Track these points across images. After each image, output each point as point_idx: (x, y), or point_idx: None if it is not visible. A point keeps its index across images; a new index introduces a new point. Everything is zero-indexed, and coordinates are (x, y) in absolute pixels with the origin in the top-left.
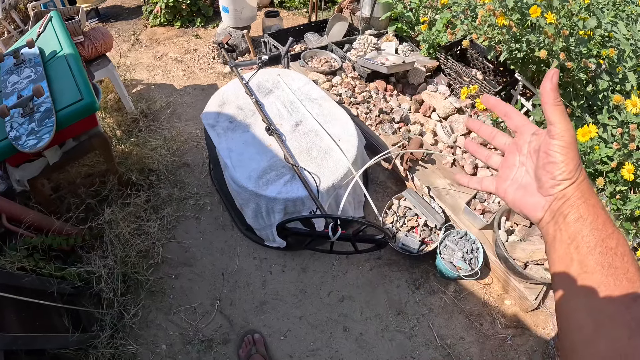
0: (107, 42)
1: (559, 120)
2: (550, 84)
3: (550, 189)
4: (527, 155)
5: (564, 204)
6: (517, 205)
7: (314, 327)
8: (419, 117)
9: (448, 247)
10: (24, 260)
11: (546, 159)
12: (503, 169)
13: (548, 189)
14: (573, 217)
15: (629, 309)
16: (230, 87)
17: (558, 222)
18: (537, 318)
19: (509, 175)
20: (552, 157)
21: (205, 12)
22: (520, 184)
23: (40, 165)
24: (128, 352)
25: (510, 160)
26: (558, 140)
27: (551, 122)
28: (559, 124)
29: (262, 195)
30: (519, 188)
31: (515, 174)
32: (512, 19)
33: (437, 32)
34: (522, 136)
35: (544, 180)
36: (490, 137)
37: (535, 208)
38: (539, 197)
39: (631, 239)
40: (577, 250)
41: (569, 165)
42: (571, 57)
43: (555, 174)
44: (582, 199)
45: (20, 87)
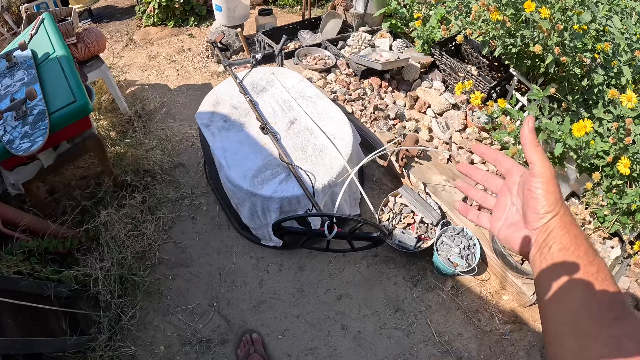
0: (100, 42)
1: (538, 159)
2: (528, 128)
3: (535, 223)
4: (516, 195)
5: (548, 236)
6: (509, 241)
7: (311, 325)
8: (414, 114)
9: (445, 244)
10: (21, 264)
11: (529, 195)
12: (497, 209)
13: (533, 223)
14: (557, 247)
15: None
16: (224, 86)
17: (544, 253)
18: (535, 313)
19: (502, 216)
20: (535, 193)
21: (199, 11)
22: (511, 223)
23: (35, 168)
24: (126, 354)
25: (502, 201)
26: (539, 177)
27: (531, 161)
28: (539, 163)
29: (257, 195)
30: (509, 226)
31: (507, 213)
32: (506, 14)
33: (432, 28)
34: (511, 177)
35: (529, 215)
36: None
37: (524, 243)
38: (526, 232)
39: (627, 233)
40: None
41: (549, 199)
42: (566, 52)
43: (537, 208)
44: (564, 230)
45: (13, 90)
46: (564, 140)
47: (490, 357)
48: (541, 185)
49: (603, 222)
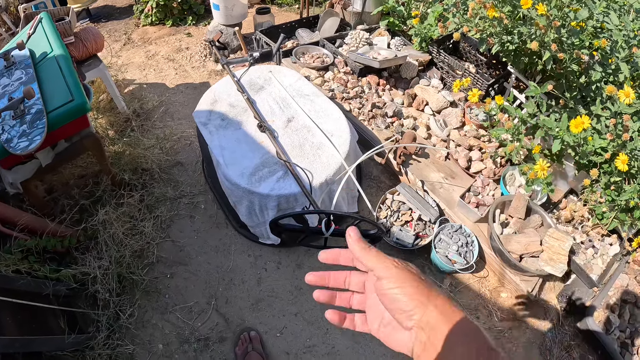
0: (98, 42)
1: (376, 261)
2: (354, 237)
3: (407, 322)
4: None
5: (431, 333)
6: (389, 342)
7: (309, 323)
8: (411, 111)
9: (443, 241)
10: (19, 263)
11: (385, 299)
12: (369, 310)
13: (405, 323)
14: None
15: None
16: (222, 84)
17: (430, 355)
18: (534, 310)
19: (376, 316)
20: (389, 294)
21: (197, 10)
22: (388, 321)
23: (33, 167)
24: (125, 353)
25: (371, 300)
26: (385, 278)
27: (371, 267)
28: (378, 265)
29: (255, 193)
30: (387, 325)
31: (381, 311)
32: (503, 11)
33: (429, 25)
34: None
35: (398, 317)
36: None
37: (403, 342)
38: (403, 332)
39: (626, 230)
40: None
41: (408, 293)
42: (563, 49)
43: (402, 307)
44: (448, 324)
45: (11, 89)
46: (561, 137)
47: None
48: (392, 284)
49: (601, 219)
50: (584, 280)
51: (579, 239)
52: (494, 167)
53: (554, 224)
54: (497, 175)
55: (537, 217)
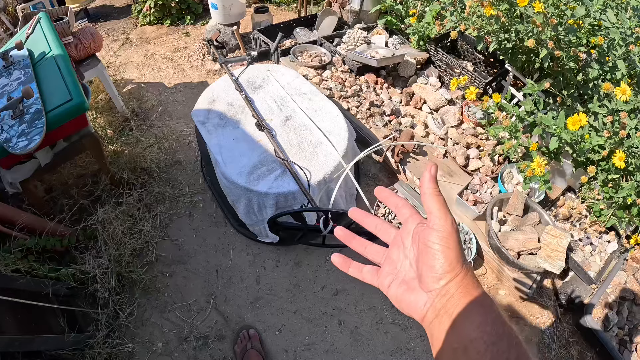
0: (96, 42)
1: (438, 209)
2: (429, 175)
3: (432, 284)
4: (410, 247)
5: (448, 301)
6: (400, 302)
7: (308, 321)
8: (409, 110)
9: None
10: (19, 263)
11: (426, 251)
12: (387, 263)
13: (429, 284)
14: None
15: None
16: (220, 83)
17: (443, 322)
18: (532, 307)
19: (392, 270)
20: (432, 248)
21: (195, 10)
22: (403, 279)
23: (32, 167)
24: (124, 351)
25: (393, 253)
26: (437, 231)
27: (429, 211)
28: (438, 214)
29: (253, 191)
30: (401, 284)
31: (399, 268)
32: (500, 9)
33: (427, 24)
34: (406, 227)
35: (425, 275)
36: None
37: (416, 305)
38: (421, 293)
39: (624, 227)
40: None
41: (449, 257)
42: (560, 46)
43: (435, 267)
44: (467, 297)
45: (9, 89)
46: (559, 135)
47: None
48: (440, 241)
49: (599, 217)
50: (582, 278)
51: (576, 236)
52: (492, 165)
53: (551, 221)
54: (494, 173)
55: (535, 215)
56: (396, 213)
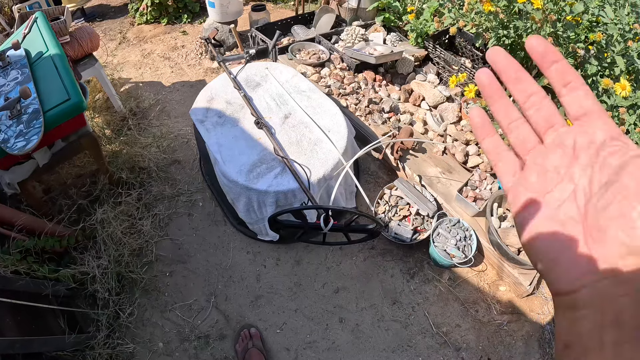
0: (93, 41)
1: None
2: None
3: (613, 255)
4: (585, 167)
5: (624, 296)
6: (535, 249)
7: (309, 319)
8: (408, 107)
9: (441, 235)
10: (18, 264)
11: (631, 195)
12: (535, 167)
13: (609, 252)
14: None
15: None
16: (219, 82)
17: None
18: (532, 303)
19: (542, 187)
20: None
21: (192, 8)
22: (554, 215)
23: (30, 167)
24: (125, 352)
25: (551, 160)
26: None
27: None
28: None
29: (253, 189)
30: (548, 221)
31: (554, 190)
32: (498, 5)
33: (425, 21)
34: (585, 132)
35: (611, 233)
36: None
37: (567, 270)
38: (583, 258)
39: None
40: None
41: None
42: (559, 43)
43: (638, 229)
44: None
45: (7, 89)
46: None
47: (488, 348)
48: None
49: None
50: None
51: None
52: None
53: None
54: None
55: None
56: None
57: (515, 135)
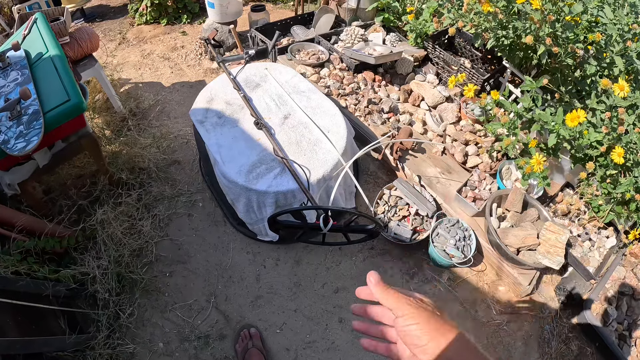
0: (93, 42)
1: (394, 301)
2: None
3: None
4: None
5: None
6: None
7: (309, 319)
8: (407, 107)
9: (440, 235)
10: (18, 265)
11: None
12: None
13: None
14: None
15: None
16: (218, 82)
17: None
18: (532, 303)
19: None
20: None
21: (191, 9)
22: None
23: (30, 168)
24: (125, 352)
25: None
26: (401, 317)
27: (390, 308)
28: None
29: (252, 190)
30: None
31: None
32: (497, 5)
33: (424, 21)
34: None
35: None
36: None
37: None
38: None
39: (622, 222)
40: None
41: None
42: (558, 43)
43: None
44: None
45: (7, 90)
46: (557, 131)
47: (488, 347)
48: (408, 322)
49: (598, 212)
50: (581, 273)
51: (575, 232)
52: (491, 162)
53: (550, 217)
54: (493, 170)
55: (534, 211)
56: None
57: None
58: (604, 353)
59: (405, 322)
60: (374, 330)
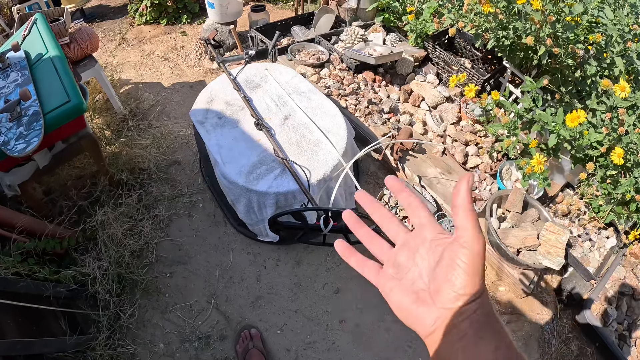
0: (93, 42)
1: (472, 227)
2: (466, 187)
3: (449, 302)
4: (424, 257)
5: (462, 322)
6: (403, 311)
7: (310, 319)
8: (408, 107)
9: None
10: (19, 266)
11: (450, 266)
12: (390, 264)
13: (446, 301)
14: (472, 339)
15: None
16: (218, 83)
17: (452, 342)
18: (532, 303)
19: (396, 274)
20: (458, 266)
21: (191, 9)
22: (411, 288)
23: (31, 169)
24: (126, 353)
25: (401, 257)
26: (466, 248)
27: (462, 227)
28: (471, 231)
29: (253, 190)
30: (408, 292)
31: (407, 274)
32: (497, 6)
33: (425, 21)
34: (421, 233)
35: (443, 290)
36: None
37: (424, 319)
38: (432, 308)
39: (623, 223)
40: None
41: (474, 278)
42: (558, 43)
43: (457, 285)
44: (484, 318)
45: (7, 91)
46: (557, 131)
47: None
48: (468, 260)
49: (598, 213)
50: (581, 273)
51: (575, 232)
52: (491, 162)
53: (550, 218)
54: (493, 170)
55: (534, 211)
56: (409, 212)
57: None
58: (604, 353)
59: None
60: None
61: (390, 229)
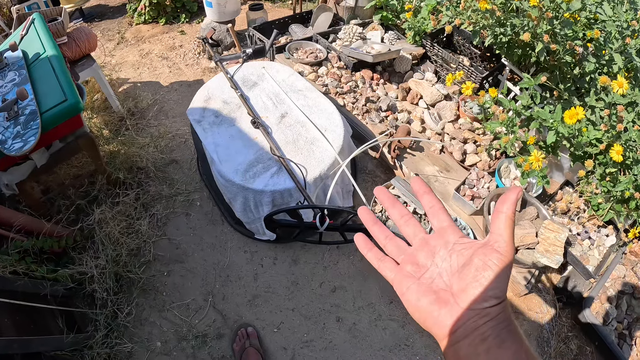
0: (91, 41)
1: (508, 235)
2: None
3: (474, 303)
4: (444, 259)
5: (485, 324)
6: (421, 312)
7: (306, 318)
8: (406, 105)
9: None
10: (16, 264)
11: (481, 268)
12: (408, 262)
13: (472, 302)
14: (495, 342)
15: None
16: (215, 81)
17: (474, 345)
18: (530, 302)
19: (414, 273)
20: (490, 268)
21: (190, 8)
22: (430, 288)
23: (28, 168)
24: (123, 351)
25: (420, 257)
26: (501, 254)
27: (498, 233)
28: (507, 238)
29: (249, 189)
30: (427, 292)
31: (425, 274)
32: (495, 2)
33: (423, 19)
34: (443, 237)
35: (470, 291)
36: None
37: (444, 321)
38: (454, 308)
39: (622, 221)
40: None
41: (502, 282)
42: (556, 40)
43: (487, 287)
44: (505, 322)
45: (4, 90)
46: (556, 129)
47: None
48: (500, 264)
49: (597, 210)
50: (581, 272)
51: (574, 230)
52: (489, 160)
53: (549, 216)
54: (492, 168)
55: (533, 209)
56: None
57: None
58: (604, 352)
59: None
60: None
61: (409, 227)
